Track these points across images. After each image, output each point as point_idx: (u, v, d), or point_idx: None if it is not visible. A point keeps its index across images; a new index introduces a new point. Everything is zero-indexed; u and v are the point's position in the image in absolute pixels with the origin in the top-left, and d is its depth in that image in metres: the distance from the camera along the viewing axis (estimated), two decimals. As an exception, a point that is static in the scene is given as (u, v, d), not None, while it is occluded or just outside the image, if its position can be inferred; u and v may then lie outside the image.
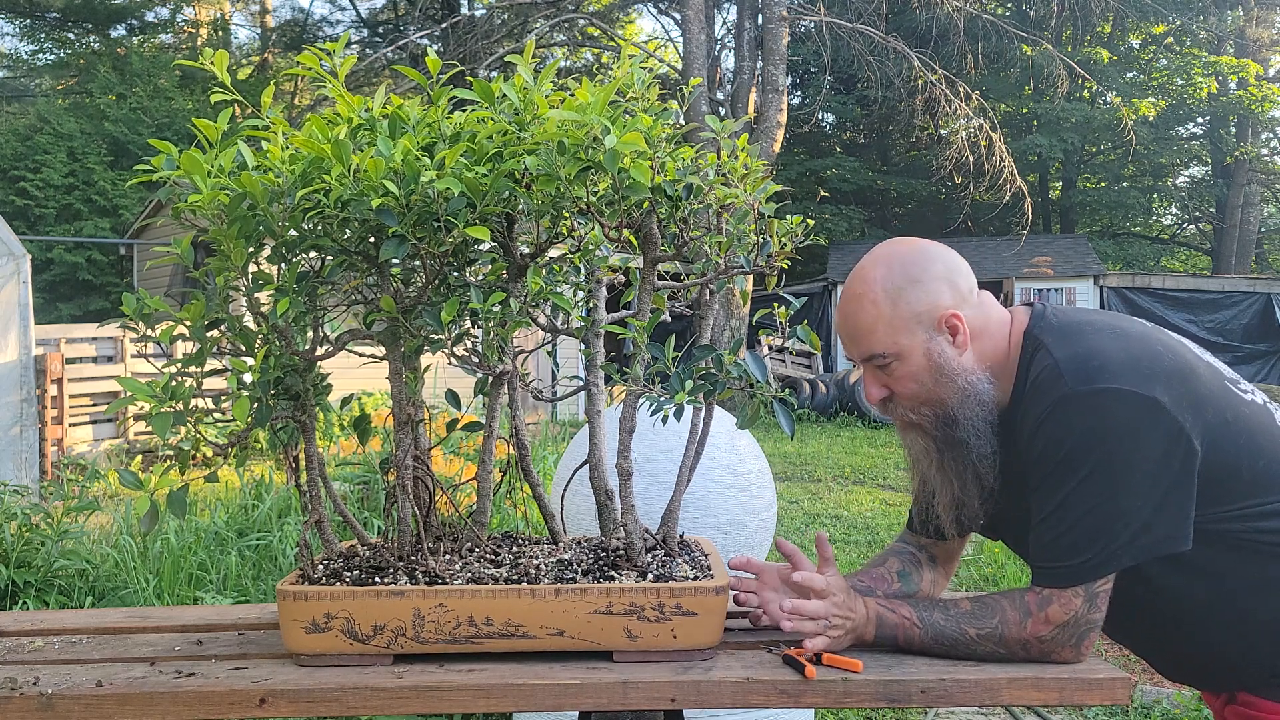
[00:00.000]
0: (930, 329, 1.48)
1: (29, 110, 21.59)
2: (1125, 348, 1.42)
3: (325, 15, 38.26)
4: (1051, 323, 1.50)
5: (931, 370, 1.49)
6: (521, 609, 1.43)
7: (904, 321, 1.48)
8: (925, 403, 1.51)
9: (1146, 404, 1.36)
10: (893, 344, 1.49)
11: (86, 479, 5.94)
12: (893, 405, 1.55)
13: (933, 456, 1.55)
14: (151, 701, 1.36)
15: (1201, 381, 1.44)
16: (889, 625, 1.50)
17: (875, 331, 1.49)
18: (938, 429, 1.52)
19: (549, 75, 1.47)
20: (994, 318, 1.53)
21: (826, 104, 22.30)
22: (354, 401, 1.80)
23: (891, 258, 1.52)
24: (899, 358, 1.49)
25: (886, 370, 1.51)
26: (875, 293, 1.49)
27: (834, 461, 9.73)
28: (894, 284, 1.48)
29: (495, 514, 4.41)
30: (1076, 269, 17.10)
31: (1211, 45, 23.07)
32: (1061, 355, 1.43)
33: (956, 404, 1.49)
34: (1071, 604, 1.41)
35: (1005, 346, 1.52)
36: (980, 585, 5.04)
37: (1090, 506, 1.38)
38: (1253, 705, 1.47)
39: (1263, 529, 1.42)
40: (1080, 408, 1.38)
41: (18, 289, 7.01)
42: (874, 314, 1.49)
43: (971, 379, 1.49)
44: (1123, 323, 1.50)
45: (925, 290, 1.48)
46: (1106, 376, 1.38)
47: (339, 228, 1.45)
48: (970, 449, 1.49)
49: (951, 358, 1.49)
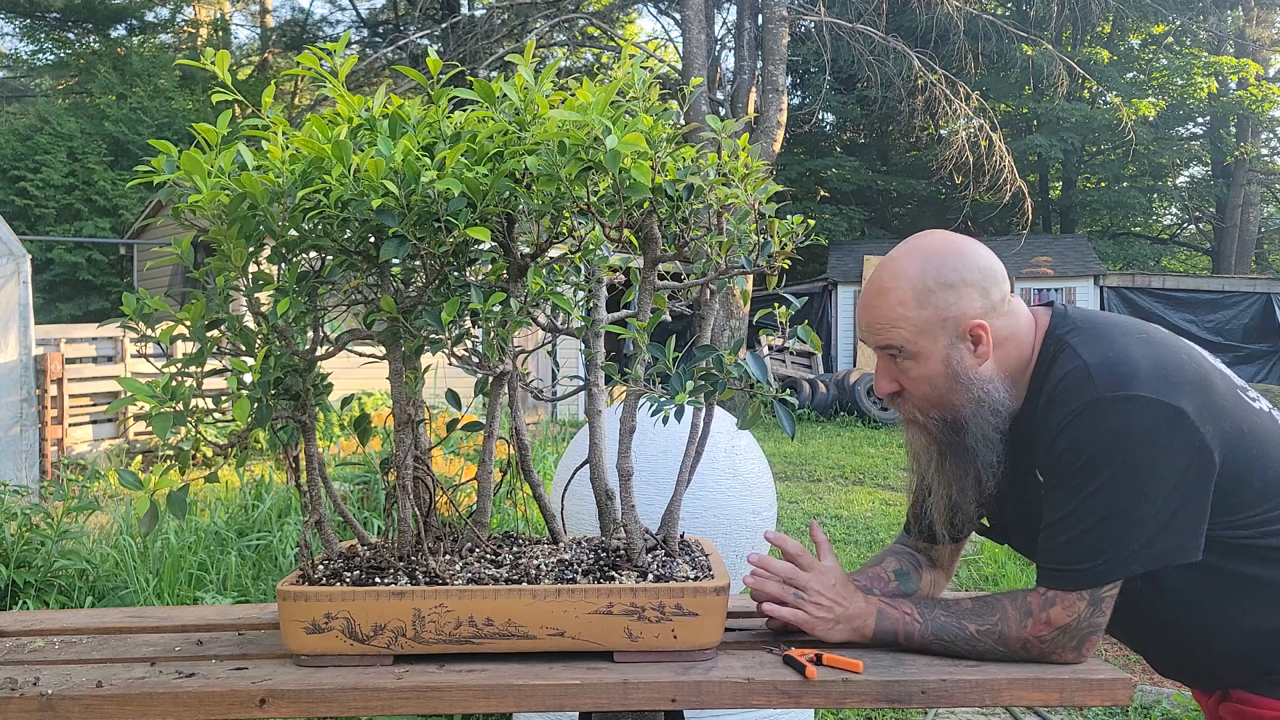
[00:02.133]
0: (954, 336, 1.45)
1: (29, 110, 21.59)
2: (1153, 355, 1.41)
3: (325, 15, 38.25)
4: (1077, 323, 1.48)
5: (947, 377, 1.47)
6: (521, 609, 1.43)
7: (929, 324, 1.45)
8: (936, 406, 1.50)
9: (1172, 414, 1.36)
10: (913, 343, 1.46)
11: (86, 479, 5.95)
12: (901, 400, 1.53)
13: (933, 457, 1.54)
14: (151, 702, 1.35)
15: (1219, 393, 1.43)
16: (889, 619, 1.49)
17: (898, 327, 1.46)
18: (944, 433, 1.51)
19: (549, 75, 1.47)
20: (1022, 324, 1.50)
21: (826, 104, 22.29)
22: (354, 401, 1.80)
23: (929, 254, 1.47)
24: (916, 357, 1.47)
25: (900, 365, 1.49)
26: (904, 289, 1.45)
27: (834, 461, 9.72)
28: (925, 284, 1.45)
29: (495, 514, 4.41)
30: (1076, 269, 17.09)
31: (1211, 45, 23.06)
32: (1091, 358, 1.41)
33: (969, 412, 1.47)
34: (1075, 607, 1.41)
35: (1029, 354, 1.49)
36: (981, 585, 5.04)
37: (1106, 513, 1.37)
38: (1248, 702, 1.48)
39: (1270, 533, 1.42)
40: (1107, 413, 1.37)
41: (18, 289, 7.01)
42: (900, 310, 1.45)
43: (988, 388, 1.47)
44: (1146, 327, 1.49)
45: (957, 295, 1.45)
46: (1136, 384, 1.37)
47: (339, 228, 1.45)
48: (976, 456, 1.48)
49: (970, 367, 1.46)
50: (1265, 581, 1.43)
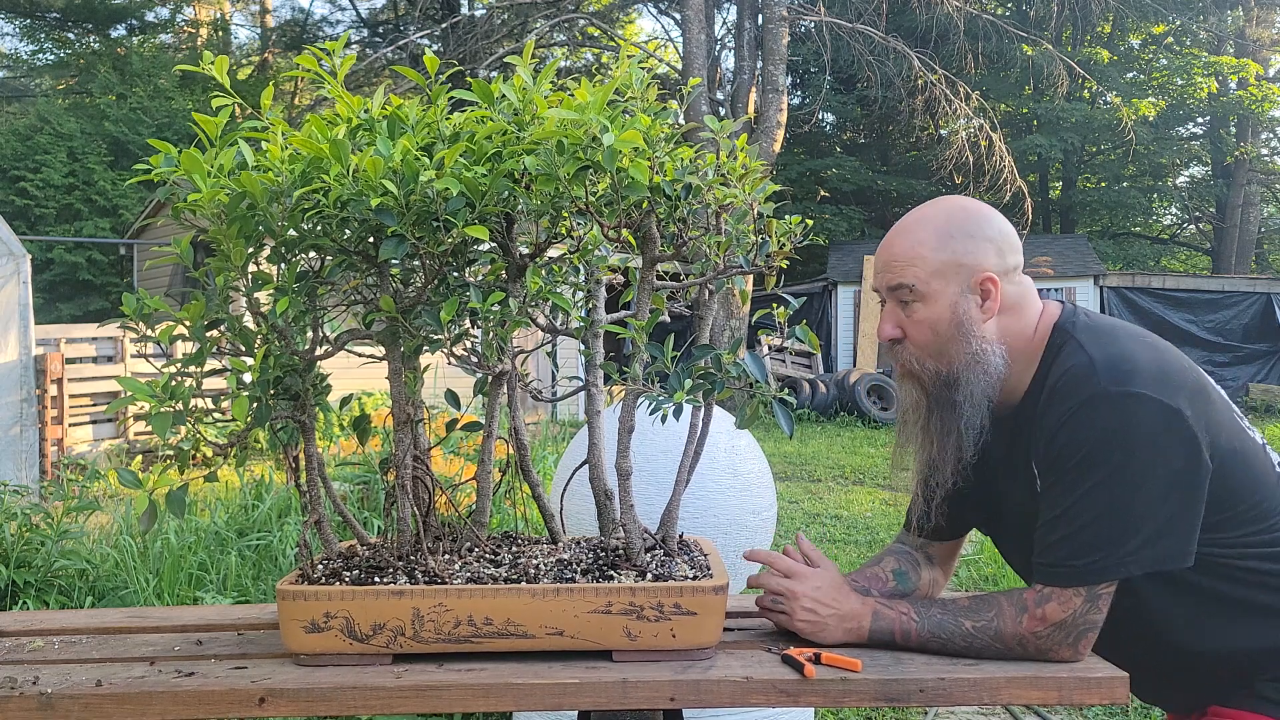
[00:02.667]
0: (965, 284, 1.49)
1: (29, 110, 21.58)
2: (1156, 358, 1.43)
3: (325, 15, 38.27)
4: (1084, 321, 1.51)
5: (951, 324, 1.49)
6: (521, 609, 1.43)
7: (944, 267, 1.49)
8: (933, 356, 1.52)
9: (1172, 414, 1.37)
10: (924, 283, 1.49)
11: (86, 479, 5.95)
12: (900, 348, 1.56)
13: (921, 412, 1.56)
14: (151, 701, 1.36)
15: (1216, 407, 1.45)
16: (885, 619, 1.50)
17: (914, 264, 1.50)
18: (935, 386, 1.52)
19: (548, 75, 1.47)
20: (1030, 301, 1.54)
21: (826, 104, 22.29)
22: (354, 401, 1.80)
23: (954, 206, 1.54)
24: (924, 299, 1.50)
25: (908, 309, 1.52)
26: (926, 230, 1.51)
27: (834, 461, 9.73)
28: (948, 229, 1.50)
29: (495, 514, 4.41)
30: (1076, 269, 17.09)
31: (1211, 45, 23.06)
32: (1097, 354, 1.43)
33: (962, 366, 1.49)
34: (1071, 603, 1.41)
35: (1031, 333, 1.53)
36: (981, 585, 5.04)
37: (1103, 509, 1.38)
38: (1223, 716, 1.49)
39: (1249, 558, 1.44)
40: (1108, 409, 1.38)
41: (18, 289, 7.01)
42: (918, 249, 1.50)
43: (986, 346, 1.49)
44: (1150, 335, 1.52)
45: (975, 246, 1.50)
46: (1138, 381, 1.39)
47: (338, 227, 1.45)
48: (961, 414, 1.50)
49: (975, 320, 1.49)
50: (1240, 600, 1.45)
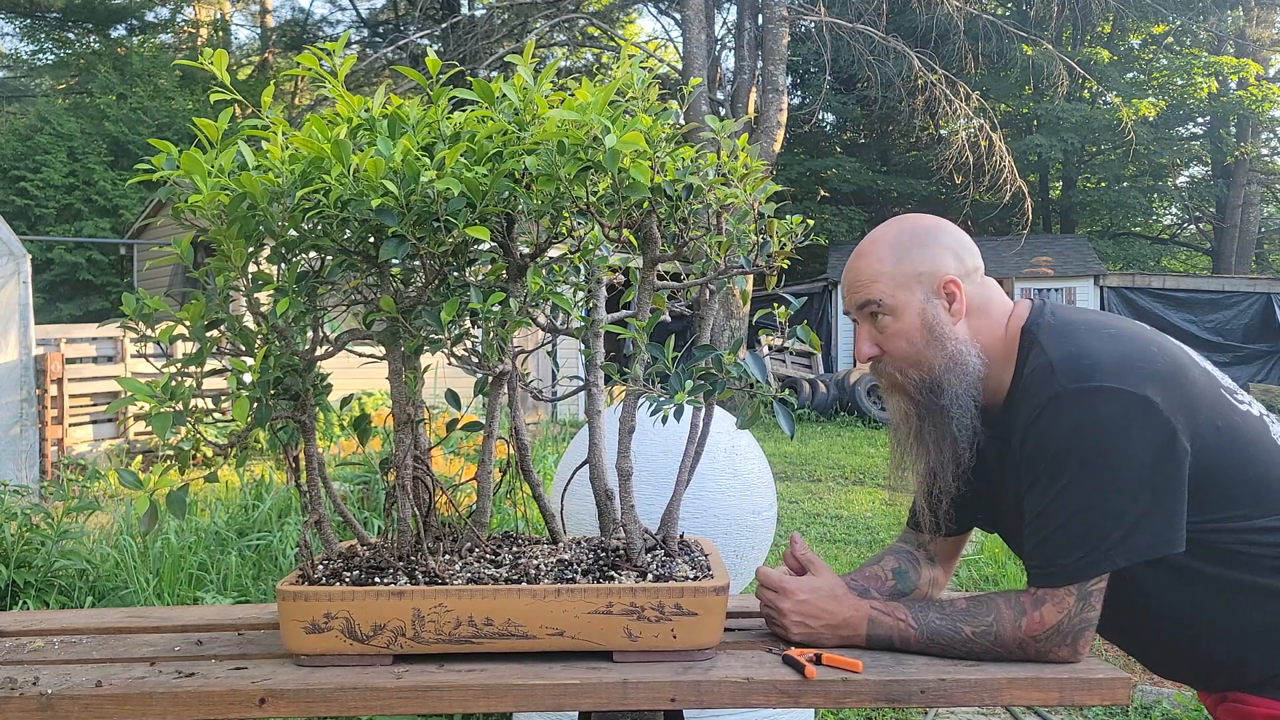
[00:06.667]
0: (929, 290, 1.52)
1: (29, 110, 21.58)
2: (1119, 348, 1.43)
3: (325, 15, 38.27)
4: (1048, 321, 1.51)
5: (923, 330, 1.52)
6: (521, 609, 1.43)
7: (905, 277, 1.53)
8: (913, 365, 1.53)
9: (1138, 402, 1.37)
10: (890, 296, 1.53)
11: (86, 479, 5.94)
12: (881, 364, 1.58)
13: (912, 423, 1.56)
14: (151, 701, 1.35)
15: (1194, 385, 1.44)
16: (882, 627, 1.50)
17: (877, 281, 1.54)
18: (921, 394, 1.53)
19: (549, 75, 1.47)
20: (995, 301, 1.56)
21: (826, 104, 22.27)
22: (354, 401, 1.80)
23: (904, 222, 1.60)
24: (894, 312, 1.53)
25: (879, 325, 1.54)
26: (883, 248, 1.56)
27: (834, 461, 9.73)
28: (902, 243, 1.55)
29: (495, 514, 4.41)
30: (1076, 269, 17.09)
31: (1211, 45, 23.05)
32: (1056, 354, 1.44)
33: (942, 369, 1.51)
34: (1064, 603, 1.41)
35: (1002, 333, 1.54)
36: (981, 585, 5.03)
37: (1080, 505, 1.38)
38: (1244, 702, 1.48)
39: (1253, 541, 1.42)
40: (1070, 405, 1.38)
41: (18, 289, 7.01)
42: (878, 266, 1.54)
43: (960, 347, 1.51)
44: (1119, 323, 1.51)
45: (930, 253, 1.53)
46: (1098, 375, 1.38)
47: (339, 228, 1.45)
48: (951, 418, 1.50)
49: (945, 323, 1.52)
50: (1250, 586, 1.42)
